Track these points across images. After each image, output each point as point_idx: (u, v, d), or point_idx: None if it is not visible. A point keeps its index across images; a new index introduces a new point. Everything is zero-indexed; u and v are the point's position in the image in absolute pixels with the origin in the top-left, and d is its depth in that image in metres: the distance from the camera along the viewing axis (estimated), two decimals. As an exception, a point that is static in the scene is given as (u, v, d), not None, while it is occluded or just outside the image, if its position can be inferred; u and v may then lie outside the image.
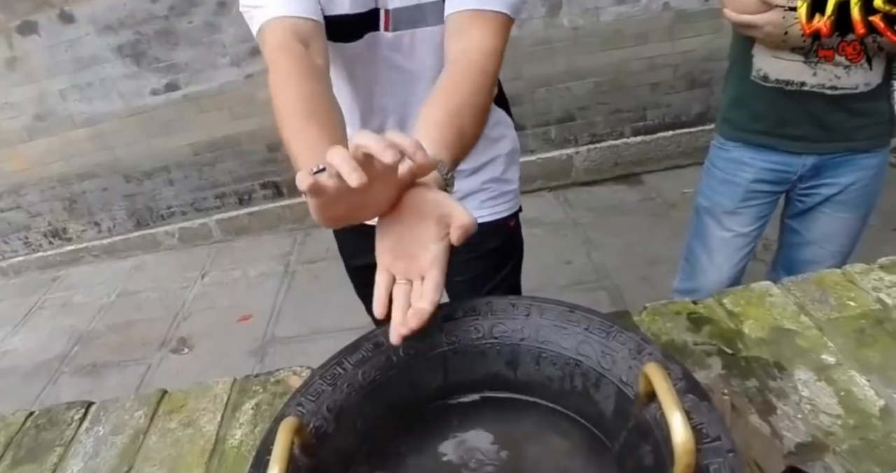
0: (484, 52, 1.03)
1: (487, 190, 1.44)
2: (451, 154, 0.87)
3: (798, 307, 1.00)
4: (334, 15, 1.13)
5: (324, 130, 0.90)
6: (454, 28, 1.07)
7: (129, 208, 4.18)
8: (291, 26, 1.04)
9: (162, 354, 3.26)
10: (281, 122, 0.94)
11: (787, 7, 1.38)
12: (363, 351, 0.80)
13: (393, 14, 1.16)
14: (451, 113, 0.92)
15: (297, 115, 0.93)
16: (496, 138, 1.43)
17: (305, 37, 1.04)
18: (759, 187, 1.72)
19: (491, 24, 1.05)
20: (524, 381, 0.81)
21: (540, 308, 0.80)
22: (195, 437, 0.98)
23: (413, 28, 1.17)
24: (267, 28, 1.05)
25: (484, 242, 1.45)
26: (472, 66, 1.00)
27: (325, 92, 0.99)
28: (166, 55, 3.56)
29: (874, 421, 0.80)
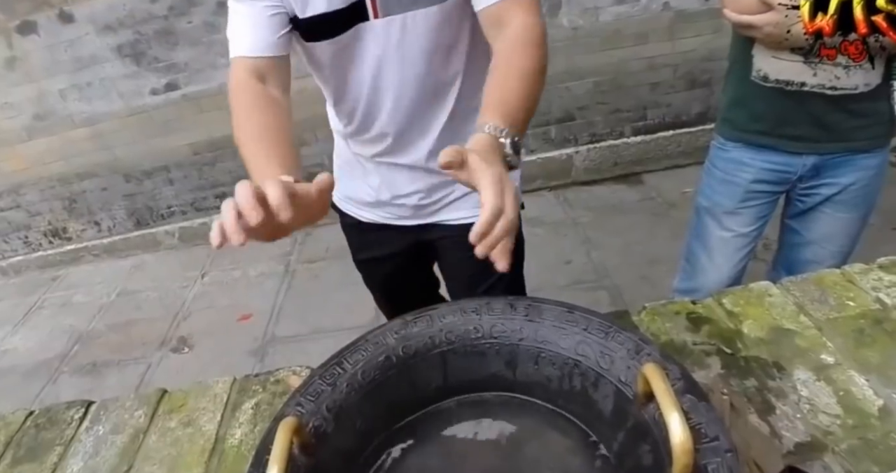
0: (524, 27, 1.06)
1: None
2: (511, 118, 0.92)
3: (797, 307, 1.00)
4: (311, 16, 1.14)
5: (271, 158, 0.97)
6: (489, 22, 1.11)
7: (128, 208, 4.17)
8: (250, 65, 1.12)
9: (162, 353, 3.26)
10: (239, 149, 1.03)
11: (789, 6, 1.38)
12: (363, 350, 0.80)
13: (381, 0, 1.14)
14: (501, 84, 0.99)
15: (250, 145, 1.02)
16: None
17: (263, 72, 1.12)
18: (759, 187, 1.72)
19: (518, 4, 1.08)
20: (523, 381, 0.81)
21: (539, 308, 0.81)
22: (195, 436, 0.98)
23: (405, 11, 1.15)
24: (233, 64, 1.14)
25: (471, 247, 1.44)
26: (516, 42, 1.05)
27: (277, 123, 1.07)
28: (166, 55, 3.56)
29: (873, 421, 0.80)
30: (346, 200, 1.54)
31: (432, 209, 1.45)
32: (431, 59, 1.22)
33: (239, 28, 1.15)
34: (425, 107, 1.30)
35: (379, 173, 1.42)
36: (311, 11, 1.13)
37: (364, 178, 1.46)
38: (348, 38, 1.17)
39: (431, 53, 1.21)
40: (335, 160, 1.55)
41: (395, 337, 0.82)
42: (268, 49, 1.13)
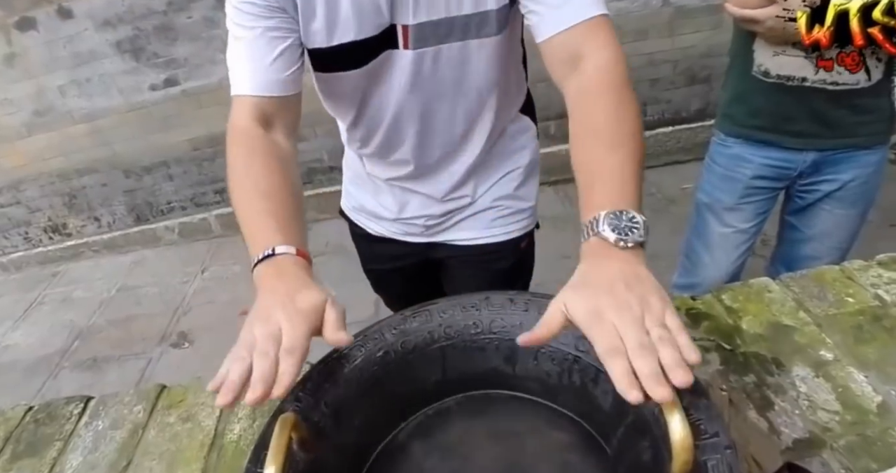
0: (605, 66, 0.90)
1: (498, 207, 1.34)
2: (630, 196, 0.76)
3: (797, 303, 1.00)
4: (339, 44, 1.02)
5: (272, 227, 0.86)
6: (558, 58, 0.94)
7: (128, 203, 4.17)
8: (254, 106, 0.99)
9: (162, 349, 3.26)
10: (235, 207, 0.91)
11: (786, 18, 1.39)
12: (362, 346, 0.80)
13: (414, 30, 1.02)
14: (590, 156, 0.83)
15: (249, 208, 0.90)
16: (515, 150, 1.32)
17: (269, 115, 1.00)
18: (760, 183, 1.72)
19: (594, 33, 0.92)
20: (522, 377, 0.81)
21: (539, 303, 0.80)
22: (194, 432, 0.98)
23: (438, 44, 1.04)
24: (235, 101, 1.01)
25: (490, 262, 1.39)
26: (598, 89, 0.88)
27: (282, 181, 0.94)
28: (165, 50, 3.55)
29: (872, 418, 0.80)
30: (356, 211, 1.47)
31: (441, 228, 1.37)
32: (461, 91, 1.13)
33: (241, 60, 1.01)
34: (451, 140, 1.22)
35: (392, 194, 1.35)
36: (339, 39, 1.02)
37: (375, 196, 1.39)
38: (376, 65, 1.06)
39: (462, 86, 1.12)
40: (345, 170, 1.47)
41: (393, 332, 0.82)
42: (276, 88, 1.00)
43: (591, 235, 0.73)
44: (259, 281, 0.79)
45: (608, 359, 0.59)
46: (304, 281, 0.77)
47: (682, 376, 0.57)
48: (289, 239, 0.83)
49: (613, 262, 0.69)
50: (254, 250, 0.82)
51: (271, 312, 0.71)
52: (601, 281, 0.67)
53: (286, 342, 0.68)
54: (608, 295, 0.64)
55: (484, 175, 1.30)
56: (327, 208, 3.83)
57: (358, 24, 1.00)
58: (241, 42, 0.99)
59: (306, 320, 0.71)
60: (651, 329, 0.61)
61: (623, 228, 0.71)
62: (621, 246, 0.71)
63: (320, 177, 3.97)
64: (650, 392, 0.56)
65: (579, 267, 0.72)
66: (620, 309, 0.62)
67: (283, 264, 0.80)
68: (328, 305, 0.74)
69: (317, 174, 3.97)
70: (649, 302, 0.63)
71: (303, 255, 0.83)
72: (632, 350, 0.59)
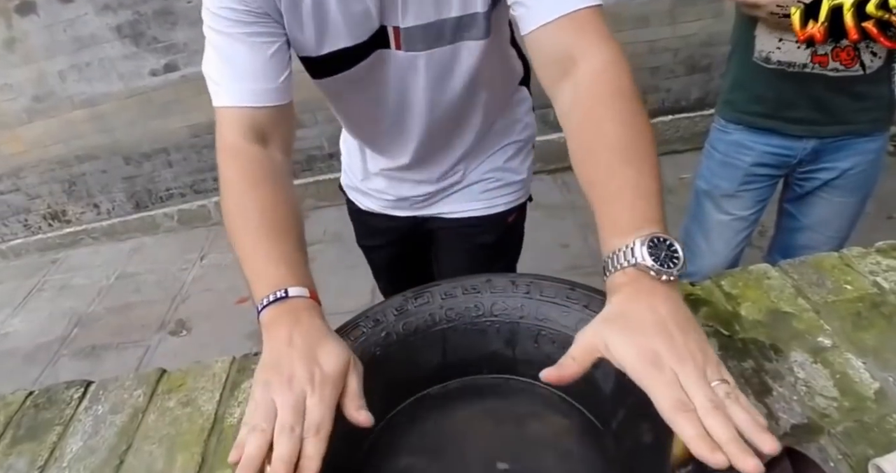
0: (603, 69, 0.80)
1: (488, 180, 1.32)
2: (658, 218, 0.69)
3: (795, 290, 1.00)
4: (329, 52, 0.99)
5: (275, 248, 0.80)
6: (546, 54, 0.85)
7: (128, 190, 4.17)
8: (247, 119, 0.91)
9: (160, 336, 3.27)
10: (232, 238, 0.84)
11: (781, 14, 1.39)
12: (362, 327, 0.81)
13: (405, 33, 0.98)
14: (624, 168, 0.72)
15: (247, 235, 0.82)
16: (512, 122, 1.31)
17: (263, 128, 0.92)
18: (759, 170, 1.72)
19: (584, 29, 0.82)
20: (523, 359, 0.81)
21: (540, 286, 0.80)
22: (194, 416, 0.98)
23: (430, 49, 1.01)
24: (222, 114, 0.92)
25: (474, 236, 1.38)
26: (599, 98, 0.78)
27: (282, 204, 0.86)
28: (165, 35, 3.54)
29: (869, 404, 0.80)
30: (350, 189, 1.48)
31: (429, 203, 1.37)
32: (456, 88, 1.10)
33: (224, 68, 0.92)
34: (448, 131, 1.21)
35: (386, 179, 1.35)
36: (330, 48, 0.97)
37: (367, 178, 1.39)
38: (367, 64, 1.02)
39: (456, 84, 1.09)
40: (343, 148, 1.46)
41: (395, 313, 0.82)
42: (267, 97, 0.92)
43: (626, 265, 0.65)
44: (270, 327, 0.73)
45: (677, 417, 0.54)
46: (323, 330, 0.72)
47: (769, 443, 0.52)
48: (300, 279, 0.77)
49: (657, 298, 0.63)
50: (260, 288, 0.76)
51: (294, 374, 0.65)
52: (648, 319, 0.61)
53: (312, 417, 0.63)
54: (663, 339, 0.59)
55: (479, 153, 1.30)
56: (326, 196, 3.83)
57: (348, 31, 0.95)
58: (223, 50, 0.92)
59: (333, 390, 0.66)
60: (714, 383, 0.57)
61: (664, 258, 0.64)
62: (663, 279, 0.64)
63: (320, 165, 3.96)
64: (736, 461, 0.51)
65: (614, 300, 0.66)
66: (682, 359, 0.57)
67: (298, 309, 0.74)
68: (351, 368, 0.69)
69: (316, 161, 3.96)
70: (707, 353, 0.59)
71: (315, 298, 0.77)
72: (703, 409, 0.54)
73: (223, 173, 0.89)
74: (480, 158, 1.31)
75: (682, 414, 0.54)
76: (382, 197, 1.38)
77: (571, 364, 0.64)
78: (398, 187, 1.34)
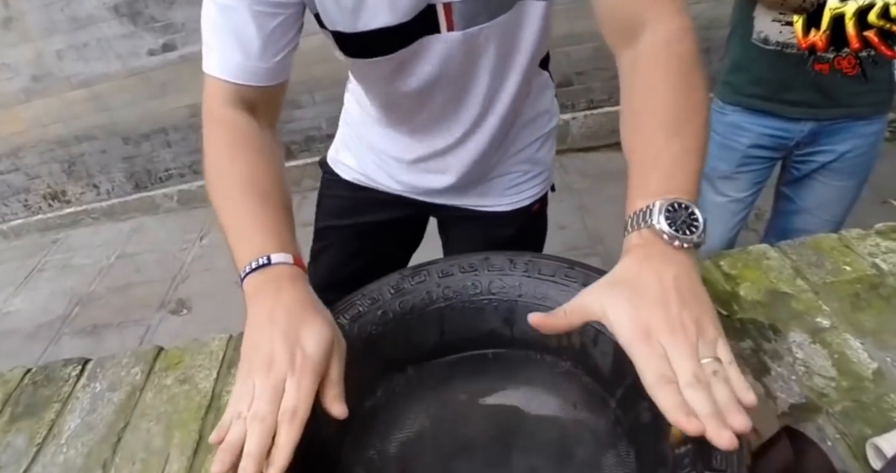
0: (668, 38, 0.77)
1: (516, 173, 1.23)
2: (690, 189, 0.67)
3: (794, 270, 1.00)
4: (366, 30, 0.87)
5: (259, 226, 0.76)
6: (614, 23, 0.82)
7: (127, 170, 4.16)
8: (234, 92, 0.86)
9: (161, 315, 3.28)
10: (215, 204, 0.80)
11: (783, 22, 1.41)
12: (359, 305, 0.80)
13: (460, 8, 0.86)
14: (667, 137, 0.70)
15: (232, 203, 0.79)
16: (541, 113, 1.21)
17: (251, 100, 0.88)
18: (757, 152, 1.72)
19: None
20: (521, 338, 0.81)
21: (538, 264, 0.80)
22: (191, 393, 0.99)
23: (489, 20, 0.89)
24: (210, 80, 0.88)
25: (497, 228, 1.29)
26: (662, 61, 0.76)
27: (270, 174, 0.83)
28: (163, 14, 3.51)
29: (867, 384, 0.80)
30: (344, 166, 1.33)
31: (451, 194, 1.24)
32: (507, 64, 0.99)
33: (220, 34, 0.85)
34: (478, 115, 1.07)
35: (410, 172, 1.22)
36: (368, 25, 0.86)
37: (388, 172, 1.25)
38: (409, 52, 0.91)
39: (509, 58, 0.98)
40: (345, 131, 1.33)
41: (391, 292, 0.82)
42: (259, 77, 0.86)
43: (643, 226, 0.64)
44: (252, 298, 0.70)
45: (656, 389, 0.53)
46: (306, 304, 0.69)
47: (740, 421, 0.51)
48: (283, 245, 0.73)
49: (666, 265, 0.61)
50: (242, 256, 0.73)
51: (274, 357, 0.63)
52: (650, 287, 0.59)
53: (288, 403, 0.60)
54: (659, 310, 0.57)
55: (508, 146, 1.19)
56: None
57: (390, 6, 0.84)
58: (223, 11, 0.83)
59: (314, 374, 0.62)
60: (704, 360, 0.55)
61: (681, 224, 0.62)
62: (676, 245, 0.62)
63: (318, 146, 3.95)
64: (712, 435, 0.50)
65: (624, 261, 0.64)
66: (673, 332, 0.56)
67: (281, 277, 0.71)
68: (334, 351, 0.66)
69: (315, 142, 3.94)
70: (703, 327, 0.57)
71: (300, 264, 0.74)
72: (685, 382, 0.53)
73: (206, 138, 0.86)
74: (509, 152, 1.20)
75: (663, 387, 0.53)
76: (393, 179, 1.25)
77: (561, 317, 0.63)
78: (419, 177, 1.22)
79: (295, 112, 3.78)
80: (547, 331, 0.64)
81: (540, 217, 1.37)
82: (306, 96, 3.68)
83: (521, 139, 1.19)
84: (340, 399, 0.64)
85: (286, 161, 3.98)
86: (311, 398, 0.61)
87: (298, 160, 3.96)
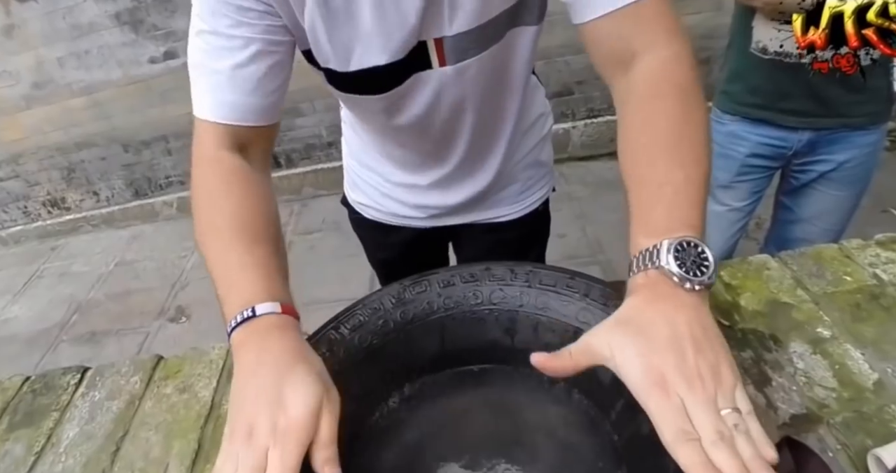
0: (664, 65, 0.74)
1: (523, 179, 1.24)
2: (696, 224, 0.64)
3: (795, 280, 1.00)
4: (360, 69, 0.86)
5: (246, 259, 0.73)
6: (604, 48, 0.79)
7: (127, 178, 4.16)
8: (225, 133, 0.83)
9: (160, 323, 3.27)
10: (202, 248, 0.77)
11: (782, 20, 1.40)
12: (360, 315, 0.80)
13: (450, 43, 0.85)
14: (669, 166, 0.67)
15: (220, 244, 0.76)
16: (538, 116, 1.21)
17: (243, 141, 0.85)
18: (755, 162, 1.72)
19: (648, 20, 0.75)
20: (522, 349, 0.80)
21: (539, 274, 0.80)
22: (190, 402, 0.98)
23: (481, 52, 0.88)
24: (198, 125, 0.86)
25: (503, 235, 1.29)
26: (661, 88, 0.73)
27: (255, 206, 0.80)
28: (164, 23, 3.52)
29: (868, 395, 0.80)
30: (361, 205, 1.34)
31: (461, 213, 1.25)
32: (500, 86, 1.00)
33: (213, 77, 0.82)
34: (481, 138, 1.08)
35: (425, 197, 1.21)
36: (360, 64, 0.86)
37: (386, 195, 1.25)
38: (401, 89, 0.91)
39: (502, 81, 0.99)
40: (350, 164, 1.32)
41: (392, 302, 0.82)
42: (255, 116, 0.84)
43: (650, 266, 0.61)
44: (237, 352, 0.66)
45: (677, 446, 0.51)
46: (294, 355, 0.64)
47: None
48: (272, 292, 0.69)
49: (678, 308, 0.58)
50: (229, 309, 0.69)
51: (255, 425, 0.58)
52: (661, 332, 0.57)
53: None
54: (673, 358, 0.55)
55: (514, 154, 1.19)
56: (325, 184, 3.83)
57: (382, 46, 0.83)
58: (216, 52, 0.81)
59: (298, 440, 0.57)
60: (724, 411, 0.53)
61: (691, 265, 0.60)
62: (687, 287, 0.59)
63: (318, 153, 3.95)
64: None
65: (630, 302, 0.61)
66: (691, 383, 0.53)
67: (267, 329, 0.66)
68: (324, 408, 0.60)
69: (315, 150, 3.95)
70: (720, 374, 0.55)
71: (289, 311, 0.69)
72: (708, 440, 0.51)
73: (196, 179, 0.83)
74: (513, 162, 1.19)
75: (684, 444, 0.51)
76: (404, 209, 1.26)
77: (566, 358, 0.61)
78: (423, 198, 1.22)
79: (296, 120, 3.78)
80: (551, 373, 0.62)
81: (544, 216, 1.37)
82: (307, 104, 3.69)
83: (525, 145, 1.20)
84: (332, 462, 0.58)
85: (286, 169, 4.01)
86: (298, 465, 0.56)
87: (299, 168, 3.97)
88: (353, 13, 0.81)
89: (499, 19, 0.85)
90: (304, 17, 0.81)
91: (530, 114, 1.19)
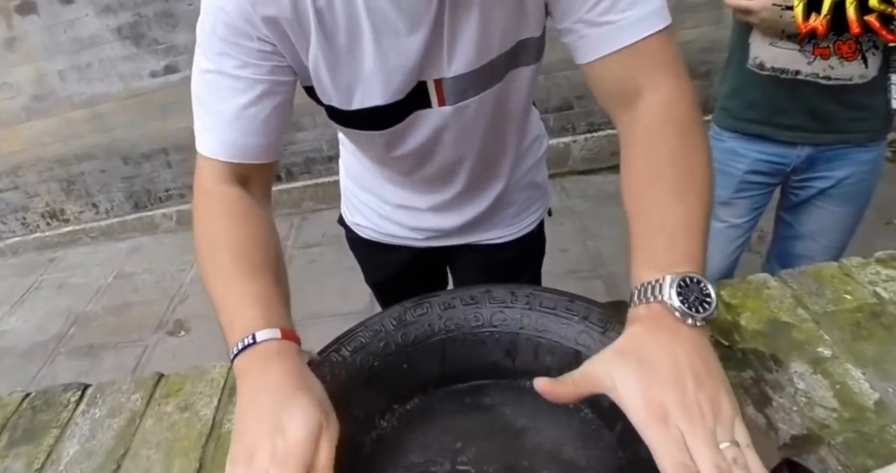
0: (666, 101, 0.77)
1: (520, 201, 1.26)
2: (697, 259, 0.66)
3: (795, 299, 1.00)
4: (359, 108, 0.89)
5: (247, 289, 0.74)
6: (608, 86, 0.82)
7: (126, 190, 4.17)
8: (227, 170, 0.86)
9: (158, 336, 3.26)
10: (205, 278, 0.79)
11: (783, 6, 1.39)
12: (361, 337, 0.80)
13: (450, 84, 0.88)
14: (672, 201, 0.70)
15: (221, 273, 0.77)
16: (534, 138, 1.23)
17: (246, 176, 0.87)
18: (754, 178, 1.73)
19: (652, 58, 0.78)
20: (522, 370, 0.81)
21: (539, 297, 0.80)
22: (192, 421, 0.98)
23: (480, 93, 0.90)
24: (200, 160, 0.89)
25: (498, 256, 1.31)
26: (663, 123, 0.76)
27: (255, 236, 0.82)
28: (165, 37, 3.54)
29: (869, 415, 0.80)
30: (360, 226, 1.35)
31: (456, 235, 1.27)
32: (512, 120, 1.04)
33: (213, 115, 0.85)
34: (483, 166, 1.10)
35: (423, 220, 1.23)
36: (362, 104, 0.88)
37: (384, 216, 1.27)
38: (401, 127, 0.93)
39: (502, 117, 1.01)
40: (348, 186, 1.33)
41: (394, 323, 0.82)
42: (257, 154, 0.86)
43: (652, 300, 0.62)
44: (240, 379, 0.68)
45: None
46: (295, 381, 0.65)
47: None
48: (272, 320, 0.70)
49: (679, 342, 0.59)
50: (231, 338, 0.70)
51: (255, 451, 0.59)
52: (662, 365, 0.58)
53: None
54: (674, 391, 0.56)
55: (512, 176, 1.20)
56: (325, 198, 3.83)
57: (383, 86, 0.85)
58: (217, 91, 0.84)
59: (296, 465, 0.57)
60: (722, 444, 0.54)
61: (693, 301, 0.61)
62: (689, 322, 0.60)
63: (318, 167, 3.96)
64: None
65: (631, 331, 0.63)
66: (691, 416, 0.54)
67: (268, 355, 0.68)
68: (323, 434, 0.61)
69: (315, 164, 3.96)
70: (721, 408, 0.56)
71: (289, 336, 0.71)
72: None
73: (198, 210, 0.86)
74: (514, 180, 1.20)
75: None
76: (402, 230, 1.28)
77: (569, 385, 0.62)
78: (421, 221, 1.24)
79: (296, 134, 3.79)
80: (554, 399, 0.63)
81: (539, 237, 1.39)
82: (307, 118, 3.70)
83: (522, 167, 1.22)
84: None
85: (287, 182, 4.01)
86: None
87: (299, 182, 3.98)
88: (355, 54, 0.83)
89: (497, 62, 0.88)
90: (307, 57, 0.83)
91: (528, 139, 1.21)
